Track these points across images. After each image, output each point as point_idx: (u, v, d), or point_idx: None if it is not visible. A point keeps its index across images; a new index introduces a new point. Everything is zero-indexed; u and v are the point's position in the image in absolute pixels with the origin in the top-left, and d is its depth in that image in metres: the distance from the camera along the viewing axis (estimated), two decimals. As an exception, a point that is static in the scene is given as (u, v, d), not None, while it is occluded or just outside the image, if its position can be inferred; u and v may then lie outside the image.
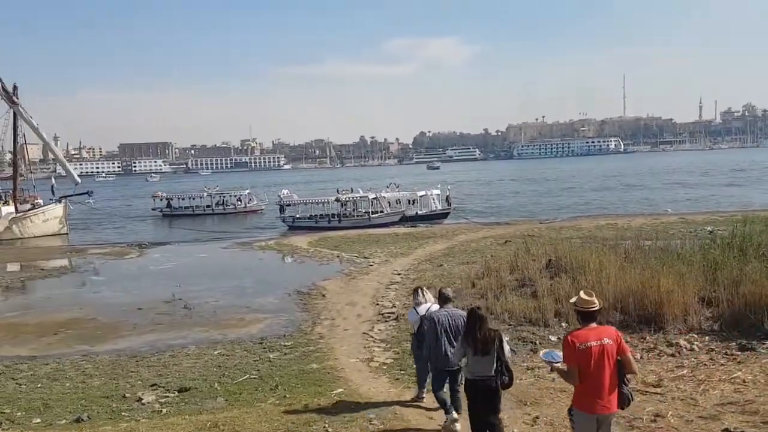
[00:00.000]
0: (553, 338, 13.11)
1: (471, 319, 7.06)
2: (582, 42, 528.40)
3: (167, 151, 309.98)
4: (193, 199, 61.71)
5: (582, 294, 5.84)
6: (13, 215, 44.18)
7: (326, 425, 8.50)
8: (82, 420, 9.74)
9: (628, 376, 5.86)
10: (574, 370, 5.61)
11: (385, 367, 12.03)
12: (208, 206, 60.20)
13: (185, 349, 14.46)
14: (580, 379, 5.58)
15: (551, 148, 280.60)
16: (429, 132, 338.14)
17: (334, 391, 10.43)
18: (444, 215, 44.39)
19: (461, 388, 7.74)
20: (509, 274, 18.97)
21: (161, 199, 61.30)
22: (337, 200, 42.81)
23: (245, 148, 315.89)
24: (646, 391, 9.22)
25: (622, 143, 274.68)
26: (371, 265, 25.04)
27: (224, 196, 61.63)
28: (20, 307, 20.61)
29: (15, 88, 44.60)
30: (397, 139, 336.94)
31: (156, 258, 30.84)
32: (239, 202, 60.40)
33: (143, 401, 10.69)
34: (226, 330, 16.27)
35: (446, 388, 8.48)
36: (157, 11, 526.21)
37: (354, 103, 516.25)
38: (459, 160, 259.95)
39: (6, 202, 45.56)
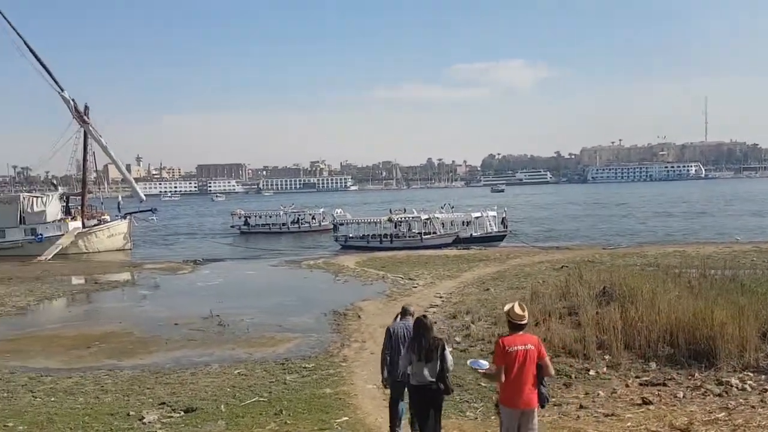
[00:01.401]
0: (592, 372, 12.02)
1: (417, 327, 7.50)
2: (661, 69, 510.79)
3: (240, 172, 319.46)
4: (270, 216, 63.32)
5: (516, 307, 6.63)
6: (80, 230, 45.93)
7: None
8: (77, 438, 9.44)
9: (546, 378, 6.70)
10: (500, 369, 6.47)
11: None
12: (284, 224, 61.28)
13: (207, 367, 14.18)
14: (506, 377, 6.42)
15: (628, 173, 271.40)
16: (498, 154, 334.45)
17: (338, 420, 9.79)
18: (500, 238, 43.06)
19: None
20: (559, 300, 17.89)
21: (239, 217, 63.21)
22: (389, 220, 42.31)
23: (314, 169, 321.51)
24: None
25: (703, 168, 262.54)
26: (414, 287, 24.35)
27: (299, 215, 62.58)
28: (64, 320, 21.05)
29: (86, 108, 46.72)
30: (465, 162, 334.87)
31: (206, 274, 31.15)
32: (314, 220, 61.49)
33: (144, 420, 10.36)
34: (253, 348, 15.94)
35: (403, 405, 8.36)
36: (238, 37, 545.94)
37: (423, 125, 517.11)
38: (529, 183, 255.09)
39: (74, 218, 47.42)
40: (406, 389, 8.04)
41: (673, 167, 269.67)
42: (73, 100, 45.91)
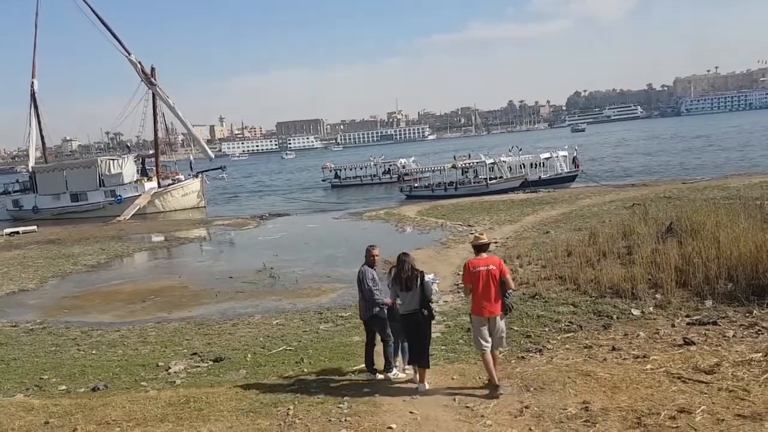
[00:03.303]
0: (636, 312, 11.17)
1: (397, 261, 8.37)
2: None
3: (318, 128, 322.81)
4: (361, 169, 62.82)
5: (476, 233, 8.43)
6: (155, 190, 47.72)
7: (294, 405, 7.75)
8: (98, 389, 9.67)
9: (508, 291, 7.88)
10: (468, 287, 7.98)
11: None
12: (374, 175, 60.74)
13: (250, 318, 14.32)
14: (473, 293, 7.83)
15: (725, 102, 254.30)
16: (584, 91, 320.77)
17: (356, 367, 9.52)
18: (571, 179, 41.13)
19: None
20: (621, 240, 16.83)
21: (330, 171, 63.32)
22: (453, 167, 41.27)
23: (391, 120, 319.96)
24: (690, 379, 7.29)
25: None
26: (471, 233, 23.56)
27: (390, 165, 61.70)
28: (127, 276, 21.82)
29: (153, 69, 47.83)
30: (548, 102, 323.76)
31: (269, 229, 31.60)
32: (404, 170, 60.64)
33: (170, 370, 10.53)
34: (298, 299, 15.97)
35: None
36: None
37: (501, 66, 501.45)
38: (618, 120, 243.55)
39: (150, 179, 49.28)
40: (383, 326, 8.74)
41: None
42: (140, 62, 47.13)
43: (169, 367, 10.66)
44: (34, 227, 38.87)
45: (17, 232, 36.79)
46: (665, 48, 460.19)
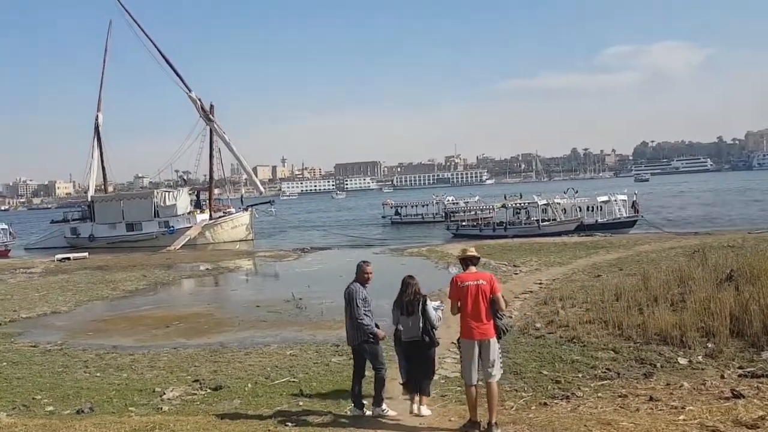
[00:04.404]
0: (683, 361, 9.88)
1: (402, 285, 8.06)
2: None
3: (375, 169, 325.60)
4: (423, 206, 62.34)
5: (464, 248, 7.71)
6: (206, 222, 48.34)
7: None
8: (83, 412, 9.11)
9: (500, 312, 7.14)
10: (455, 303, 7.22)
11: (442, 382, 9.94)
12: (436, 214, 59.57)
13: (266, 348, 13.67)
14: (462, 311, 7.09)
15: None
16: (652, 142, 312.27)
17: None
18: (630, 224, 39.15)
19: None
20: (676, 286, 15.40)
21: (391, 207, 63.31)
22: (503, 206, 40.02)
23: (449, 164, 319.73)
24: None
25: None
26: (516, 274, 22.47)
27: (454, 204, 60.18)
28: (160, 302, 21.63)
29: (212, 106, 49.08)
30: (614, 150, 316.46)
31: (307, 261, 31.31)
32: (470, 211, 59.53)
33: (164, 397, 9.88)
34: (319, 331, 15.28)
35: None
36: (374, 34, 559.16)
37: (566, 115, 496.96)
38: (687, 172, 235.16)
39: (202, 211, 50.04)
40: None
41: None
42: (199, 99, 48.38)
43: (164, 393, 10.00)
44: (86, 254, 39.65)
45: (68, 258, 37.53)
46: (736, 101, 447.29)
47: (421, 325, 7.73)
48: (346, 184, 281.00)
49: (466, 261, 7.47)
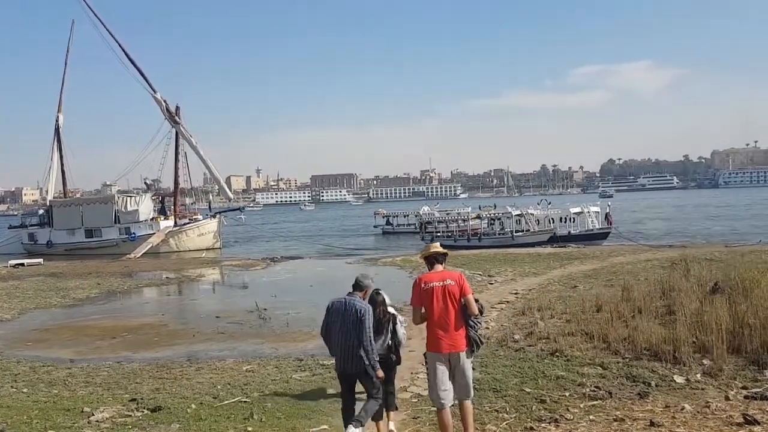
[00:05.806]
0: (680, 379, 8.92)
1: (370, 300, 6.99)
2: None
3: (352, 182, 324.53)
4: (416, 216, 61.46)
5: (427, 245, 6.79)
6: (171, 229, 46.47)
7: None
8: (-8, 436, 7.71)
9: (474, 319, 6.09)
10: (417, 310, 6.15)
11: (414, 401, 8.82)
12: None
13: (220, 362, 12.33)
14: (427, 320, 6.06)
15: (765, 177, 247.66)
16: (619, 159, 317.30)
17: (313, 429, 7.48)
18: (603, 236, 38.70)
19: None
20: (660, 299, 14.60)
21: (382, 217, 63.06)
22: (478, 217, 39.28)
23: (423, 178, 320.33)
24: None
25: None
26: (491, 284, 21.54)
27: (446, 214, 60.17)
28: (110, 311, 20.12)
29: (177, 108, 47.44)
30: (582, 167, 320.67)
31: (276, 270, 30.04)
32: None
33: (91, 419, 8.54)
34: (282, 344, 14.03)
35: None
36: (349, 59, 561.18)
37: (536, 132, 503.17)
38: (654, 189, 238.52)
39: (167, 217, 48.15)
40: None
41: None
42: (165, 101, 46.77)
43: (92, 414, 8.68)
44: (40, 260, 37.84)
45: (22, 264, 35.71)
46: (702, 121, 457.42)
47: (388, 343, 7.05)
48: (322, 196, 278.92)
49: (431, 259, 6.48)
